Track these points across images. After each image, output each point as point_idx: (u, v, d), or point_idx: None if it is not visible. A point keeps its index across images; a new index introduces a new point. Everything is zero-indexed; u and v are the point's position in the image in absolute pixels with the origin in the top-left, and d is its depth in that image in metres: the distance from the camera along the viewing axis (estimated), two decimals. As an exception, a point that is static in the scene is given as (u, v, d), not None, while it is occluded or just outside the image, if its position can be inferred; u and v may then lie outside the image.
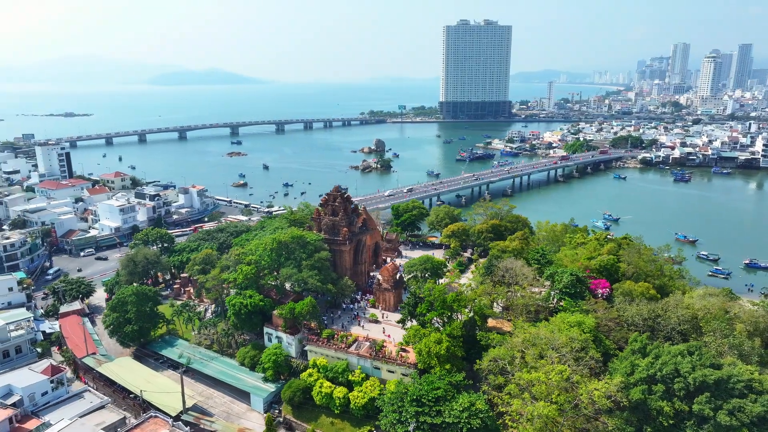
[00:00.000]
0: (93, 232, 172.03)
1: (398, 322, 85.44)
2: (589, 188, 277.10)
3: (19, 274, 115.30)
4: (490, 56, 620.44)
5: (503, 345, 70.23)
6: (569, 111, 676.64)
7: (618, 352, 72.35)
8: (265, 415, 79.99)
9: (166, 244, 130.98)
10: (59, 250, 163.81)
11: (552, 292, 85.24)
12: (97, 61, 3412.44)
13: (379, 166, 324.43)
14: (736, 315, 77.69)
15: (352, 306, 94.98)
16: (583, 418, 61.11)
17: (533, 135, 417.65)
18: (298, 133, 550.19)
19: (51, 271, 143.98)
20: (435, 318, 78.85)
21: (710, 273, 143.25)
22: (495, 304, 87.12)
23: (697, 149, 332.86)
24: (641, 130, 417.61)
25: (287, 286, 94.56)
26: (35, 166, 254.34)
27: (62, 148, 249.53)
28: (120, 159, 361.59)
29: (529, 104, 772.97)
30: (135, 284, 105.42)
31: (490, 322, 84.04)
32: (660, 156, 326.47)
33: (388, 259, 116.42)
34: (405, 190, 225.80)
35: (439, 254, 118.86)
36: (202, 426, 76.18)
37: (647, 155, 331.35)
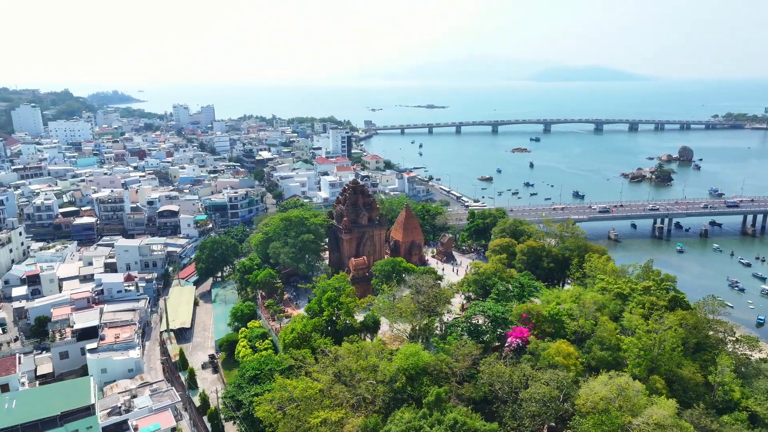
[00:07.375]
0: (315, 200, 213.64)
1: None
2: None
3: (199, 217, 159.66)
4: None
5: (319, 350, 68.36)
6: None
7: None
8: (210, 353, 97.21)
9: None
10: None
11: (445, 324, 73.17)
12: (493, 59, 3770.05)
13: (654, 176, 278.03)
14: (631, 423, 52.47)
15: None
16: None
17: None
18: (618, 134, 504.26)
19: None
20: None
21: None
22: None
23: None
24: None
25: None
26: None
27: (346, 132, 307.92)
28: (420, 146, 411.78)
29: None
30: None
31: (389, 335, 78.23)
32: None
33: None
34: (596, 207, 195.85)
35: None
36: (166, 343, 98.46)
37: None
